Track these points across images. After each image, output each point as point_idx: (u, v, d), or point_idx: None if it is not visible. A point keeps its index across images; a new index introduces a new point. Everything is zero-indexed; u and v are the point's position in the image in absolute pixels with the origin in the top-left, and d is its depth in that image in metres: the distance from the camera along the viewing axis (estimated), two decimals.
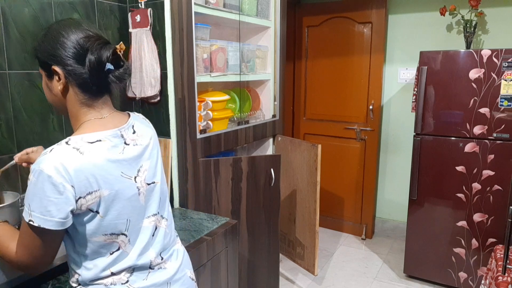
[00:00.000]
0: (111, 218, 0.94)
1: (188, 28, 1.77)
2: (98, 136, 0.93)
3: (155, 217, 1.05)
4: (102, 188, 0.90)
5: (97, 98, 0.97)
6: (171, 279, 1.07)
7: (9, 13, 1.48)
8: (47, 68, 0.95)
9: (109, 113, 0.99)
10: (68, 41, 0.92)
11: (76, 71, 0.92)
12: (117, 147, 0.95)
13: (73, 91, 0.95)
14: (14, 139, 1.53)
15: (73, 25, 0.95)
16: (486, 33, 3.07)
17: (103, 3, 1.84)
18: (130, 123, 1.02)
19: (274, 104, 2.56)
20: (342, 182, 3.64)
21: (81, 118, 0.97)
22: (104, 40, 0.96)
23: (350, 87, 3.49)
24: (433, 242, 2.73)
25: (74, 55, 0.92)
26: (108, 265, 0.97)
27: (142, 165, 1.01)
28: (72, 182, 0.86)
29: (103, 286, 0.97)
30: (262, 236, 2.28)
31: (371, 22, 3.30)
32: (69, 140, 0.90)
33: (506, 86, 2.39)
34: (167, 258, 1.09)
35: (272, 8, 2.44)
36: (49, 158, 0.86)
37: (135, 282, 0.99)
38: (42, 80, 1.01)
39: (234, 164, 2.06)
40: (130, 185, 0.97)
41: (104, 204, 0.92)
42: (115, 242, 0.96)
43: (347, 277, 2.91)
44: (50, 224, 0.86)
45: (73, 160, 0.86)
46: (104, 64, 0.93)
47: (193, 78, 1.84)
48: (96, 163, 0.89)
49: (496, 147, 2.47)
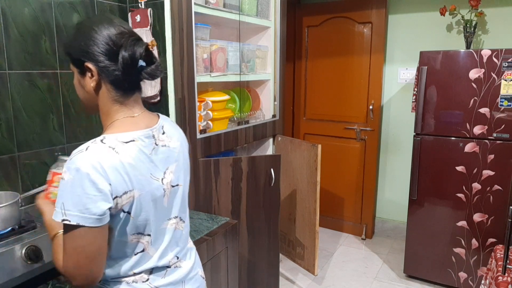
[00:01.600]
0: (140, 219, 0.94)
1: (188, 28, 1.77)
2: (131, 136, 0.93)
3: (176, 220, 1.06)
4: (135, 188, 0.90)
5: (128, 95, 0.96)
6: (186, 278, 1.09)
7: (9, 13, 1.48)
8: (80, 65, 0.94)
9: (140, 112, 0.99)
10: (101, 37, 0.91)
11: (109, 67, 0.91)
12: (148, 148, 0.95)
13: (106, 88, 0.94)
14: (14, 139, 1.53)
15: (105, 21, 0.94)
16: (486, 33, 3.07)
17: (103, 3, 1.84)
18: (160, 123, 1.02)
19: (274, 104, 2.56)
20: (342, 182, 3.64)
21: (113, 115, 0.96)
22: (137, 36, 0.95)
23: (350, 87, 3.49)
24: (433, 242, 2.73)
25: (107, 52, 0.91)
26: (132, 266, 0.97)
27: (169, 167, 1.01)
28: (109, 181, 0.85)
29: (125, 283, 0.97)
30: (262, 236, 2.28)
31: (371, 22, 3.30)
32: (104, 138, 0.89)
33: (506, 86, 2.39)
34: (182, 257, 1.10)
35: (272, 8, 2.44)
36: (86, 156, 0.84)
37: (154, 281, 1.01)
38: (73, 77, 1.00)
39: (234, 164, 2.06)
40: (158, 186, 0.97)
41: (136, 205, 0.91)
42: (140, 243, 0.97)
43: (347, 277, 2.91)
44: (90, 221, 0.83)
45: (110, 159, 0.86)
46: (137, 61, 0.92)
47: (193, 78, 1.84)
48: (130, 163, 0.89)
49: (496, 147, 2.47)
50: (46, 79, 1.63)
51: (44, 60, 1.62)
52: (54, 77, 1.66)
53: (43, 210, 1.02)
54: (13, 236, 1.24)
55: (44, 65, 1.62)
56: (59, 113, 1.70)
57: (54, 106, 1.67)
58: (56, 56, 1.66)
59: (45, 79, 1.63)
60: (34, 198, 1.10)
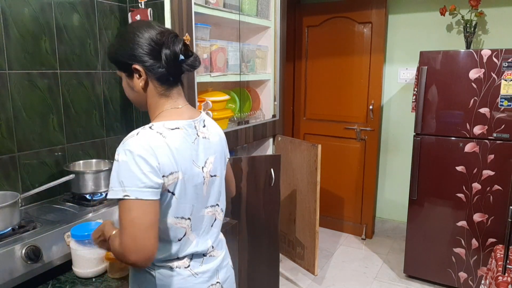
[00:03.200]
0: (183, 201, 1.01)
1: (188, 28, 1.77)
2: (177, 124, 1.01)
3: (213, 208, 1.13)
4: (180, 170, 0.98)
5: (173, 88, 1.06)
6: (219, 267, 1.15)
7: (9, 13, 1.48)
8: (127, 68, 1.02)
9: (184, 104, 1.08)
10: (144, 39, 1.00)
11: (155, 65, 1.00)
12: (191, 137, 1.04)
13: (153, 84, 1.03)
14: (14, 139, 1.53)
15: (145, 25, 1.03)
16: (486, 33, 3.07)
17: (103, 3, 1.84)
18: (202, 117, 1.12)
19: (274, 104, 2.56)
20: (342, 182, 3.64)
21: (160, 107, 1.05)
22: (175, 33, 1.04)
23: (350, 87, 3.49)
24: (433, 242, 2.73)
25: (151, 52, 0.99)
26: (177, 251, 1.04)
27: (209, 158, 1.09)
28: (158, 161, 0.93)
29: (169, 268, 1.04)
30: (262, 236, 2.28)
31: (371, 22, 3.30)
32: (153, 125, 0.99)
33: (506, 86, 2.39)
34: (216, 246, 1.16)
35: (272, 8, 2.44)
36: (136, 139, 0.94)
37: (194, 268, 1.07)
38: (122, 81, 1.08)
39: (234, 164, 2.06)
40: (198, 173, 1.04)
41: (180, 186, 0.99)
42: (182, 227, 1.03)
43: (347, 277, 2.91)
44: (146, 194, 0.91)
45: (158, 142, 0.95)
46: (178, 56, 1.01)
47: (193, 78, 1.83)
48: (176, 147, 0.98)
49: (496, 147, 2.47)
50: (46, 79, 1.63)
51: (44, 60, 1.62)
52: (54, 77, 1.66)
53: (103, 229, 1.09)
54: (13, 236, 1.24)
55: (44, 65, 1.62)
56: (59, 113, 1.70)
57: (54, 106, 1.67)
58: (56, 56, 1.66)
59: (45, 79, 1.63)
60: None
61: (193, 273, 1.06)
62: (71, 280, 1.26)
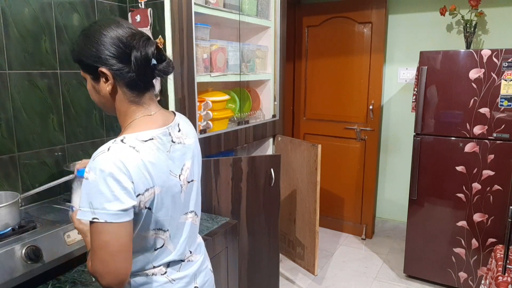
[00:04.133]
0: (160, 215, 0.97)
1: (188, 28, 1.77)
2: (150, 135, 0.94)
3: (191, 214, 1.10)
4: (156, 185, 0.93)
5: (144, 94, 0.98)
6: (197, 271, 1.13)
7: (9, 13, 1.48)
8: (93, 71, 0.94)
9: (157, 110, 1.00)
10: (112, 40, 0.91)
11: (123, 69, 0.92)
12: (166, 145, 0.97)
13: (121, 90, 0.95)
14: (14, 139, 1.53)
15: (112, 24, 0.94)
16: (486, 33, 3.07)
17: (103, 3, 1.84)
18: (176, 121, 1.04)
19: (274, 104, 2.56)
20: (342, 182, 3.64)
21: (131, 115, 0.98)
22: (147, 36, 0.95)
23: (350, 87, 3.49)
24: (433, 242, 2.73)
25: (119, 54, 0.91)
26: (152, 260, 1.01)
27: (185, 164, 1.04)
28: (132, 179, 0.87)
29: (144, 276, 1.01)
30: (262, 236, 2.28)
31: (371, 22, 3.30)
32: (124, 138, 0.91)
33: (506, 86, 2.39)
34: (194, 250, 1.13)
35: (272, 8, 2.44)
36: (108, 156, 0.86)
37: (171, 274, 1.04)
38: (87, 84, 1.00)
39: (234, 164, 2.06)
40: (176, 182, 0.99)
41: (156, 201, 0.94)
42: (160, 238, 1.00)
43: (347, 277, 2.91)
44: (118, 217, 0.85)
45: (131, 158, 0.87)
46: (150, 60, 0.92)
47: (193, 78, 1.84)
48: (150, 161, 0.91)
49: (496, 147, 2.47)
50: (46, 79, 1.63)
51: (44, 60, 1.62)
52: (54, 77, 1.66)
53: (83, 228, 1.02)
54: (13, 236, 1.24)
55: (44, 65, 1.62)
56: (59, 113, 1.70)
57: (54, 106, 1.67)
58: (56, 56, 1.66)
59: (45, 79, 1.63)
60: (70, 217, 1.08)
61: (170, 279, 1.03)
62: (71, 280, 1.26)
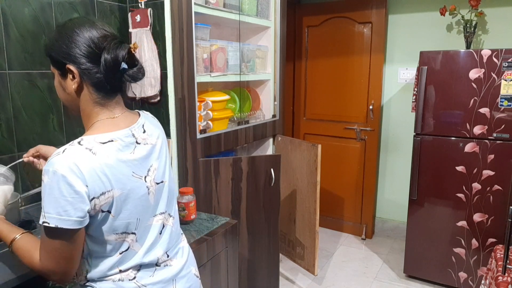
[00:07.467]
0: (122, 218, 0.94)
1: (188, 28, 1.77)
2: (110, 137, 0.93)
3: (162, 216, 1.06)
4: (115, 188, 0.91)
5: (110, 97, 0.97)
6: (177, 276, 1.08)
7: (9, 13, 1.48)
8: (61, 67, 0.94)
9: (121, 113, 0.99)
10: (83, 39, 0.91)
11: (91, 70, 0.92)
12: (129, 147, 0.96)
13: (88, 90, 0.95)
14: (14, 139, 1.53)
15: (87, 23, 0.94)
16: (486, 33, 3.07)
17: (103, 3, 1.84)
18: (141, 122, 1.03)
19: (274, 104, 2.56)
20: (342, 182, 3.64)
21: (94, 117, 0.97)
22: (120, 39, 0.95)
23: (350, 87, 3.49)
24: (433, 242, 2.73)
25: (89, 54, 0.91)
26: (117, 263, 0.97)
27: (152, 165, 1.01)
28: (86, 182, 0.86)
29: (111, 282, 0.97)
30: (262, 236, 2.28)
31: (371, 22, 3.30)
32: (82, 140, 0.90)
33: (506, 86, 2.39)
34: (173, 255, 1.10)
35: (272, 8, 2.44)
36: (62, 158, 0.85)
37: (142, 279, 1.01)
38: (54, 79, 1.00)
39: (234, 164, 2.06)
40: (141, 185, 0.97)
41: (116, 204, 0.92)
42: (126, 242, 0.97)
43: (347, 277, 2.91)
44: (69, 223, 0.85)
45: (86, 161, 0.86)
46: (119, 64, 0.92)
47: (193, 78, 1.84)
48: (108, 163, 0.90)
49: (496, 147, 2.47)
50: (46, 79, 1.63)
51: (44, 60, 1.62)
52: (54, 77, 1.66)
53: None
54: None
55: (44, 65, 1.62)
56: (59, 113, 1.70)
57: (54, 106, 1.67)
58: None
59: (45, 79, 1.63)
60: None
61: (140, 285, 0.99)
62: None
